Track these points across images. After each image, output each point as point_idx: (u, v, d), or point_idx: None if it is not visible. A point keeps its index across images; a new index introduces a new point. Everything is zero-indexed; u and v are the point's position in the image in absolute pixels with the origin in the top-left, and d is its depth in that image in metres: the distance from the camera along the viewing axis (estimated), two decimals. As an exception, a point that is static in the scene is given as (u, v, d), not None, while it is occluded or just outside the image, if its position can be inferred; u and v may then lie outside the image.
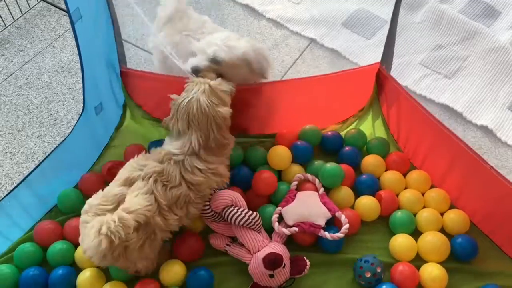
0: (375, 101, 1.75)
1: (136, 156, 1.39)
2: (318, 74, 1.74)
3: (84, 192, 1.53)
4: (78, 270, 1.39)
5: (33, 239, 1.45)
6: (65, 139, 1.48)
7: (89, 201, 1.30)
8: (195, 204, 1.36)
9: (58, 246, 1.41)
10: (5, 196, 1.41)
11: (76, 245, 1.41)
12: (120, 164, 1.51)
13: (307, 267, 1.37)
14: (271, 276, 1.33)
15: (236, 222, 1.39)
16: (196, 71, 1.43)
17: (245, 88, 1.55)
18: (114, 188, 1.30)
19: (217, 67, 1.42)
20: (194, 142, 1.34)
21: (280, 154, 1.59)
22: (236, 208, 1.41)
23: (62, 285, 1.36)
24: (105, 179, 1.55)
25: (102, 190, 1.32)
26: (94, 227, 1.19)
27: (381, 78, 1.68)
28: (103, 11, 1.49)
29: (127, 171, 1.33)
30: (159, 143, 1.50)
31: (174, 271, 1.37)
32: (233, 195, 1.42)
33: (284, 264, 1.34)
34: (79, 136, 1.52)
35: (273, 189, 1.53)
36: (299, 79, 1.76)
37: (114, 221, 1.18)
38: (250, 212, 1.40)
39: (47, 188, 1.51)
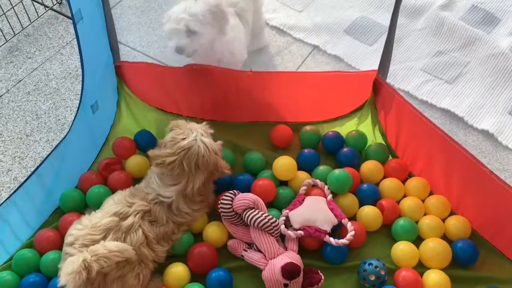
0: (372, 110, 1.76)
1: (123, 189, 1.43)
2: (316, 71, 1.78)
3: (84, 191, 1.55)
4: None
5: (33, 245, 1.46)
6: (64, 137, 1.52)
7: (74, 232, 1.30)
8: (179, 234, 1.42)
9: (51, 256, 1.41)
10: (3, 202, 1.43)
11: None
12: (118, 162, 1.58)
13: (321, 282, 1.37)
14: (286, 285, 1.35)
15: (255, 224, 1.41)
16: (181, 50, 1.56)
17: (243, 75, 1.65)
18: (103, 219, 1.32)
19: (195, 37, 1.56)
20: (194, 185, 1.38)
21: (285, 164, 1.60)
22: (257, 210, 1.43)
23: None
24: (103, 176, 1.59)
25: (84, 214, 1.39)
26: (74, 262, 1.19)
27: (378, 86, 1.70)
28: (96, 8, 1.52)
29: (117, 206, 1.36)
30: (145, 134, 1.64)
31: (178, 273, 1.39)
32: (255, 198, 1.45)
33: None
34: (76, 135, 1.55)
35: (272, 196, 1.55)
36: (296, 73, 1.82)
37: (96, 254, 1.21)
38: (270, 216, 1.42)
39: (48, 189, 1.54)
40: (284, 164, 1.60)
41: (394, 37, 1.54)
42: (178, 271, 1.39)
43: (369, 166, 1.62)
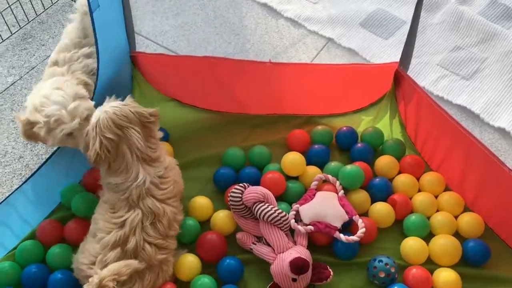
0: (393, 101, 1.75)
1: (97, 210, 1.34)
2: (336, 63, 1.76)
3: (86, 188, 1.54)
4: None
5: (36, 237, 1.47)
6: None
7: (85, 269, 1.27)
8: (178, 212, 1.37)
9: (56, 250, 1.41)
10: (12, 193, 1.44)
11: (75, 247, 1.40)
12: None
13: (330, 277, 1.37)
14: (294, 280, 1.34)
15: (265, 218, 1.40)
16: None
17: (261, 66, 1.64)
18: (107, 254, 1.25)
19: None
20: (139, 142, 1.28)
21: (294, 160, 1.59)
22: (267, 204, 1.42)
23: (63, 286, 1.36)
24: None
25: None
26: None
27: (399, 78, 1.69)
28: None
29: (111, 236, 1.26)
30: None
31: (189, 264, 1.39)
32: (265, 192, 1.44)
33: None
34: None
35: (282, 190, 1.54)
36: (315, 65, 1.80)
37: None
38: (280, 210, 1.42)
39: (53, 183, 1.54)
40: (292, 159, 1.59)
41: (417, 29, 1.52)
42: (189, 261, 1.39)
43: (384, 161, 1.60)
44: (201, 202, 1.52)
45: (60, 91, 1.32)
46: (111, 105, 1.28)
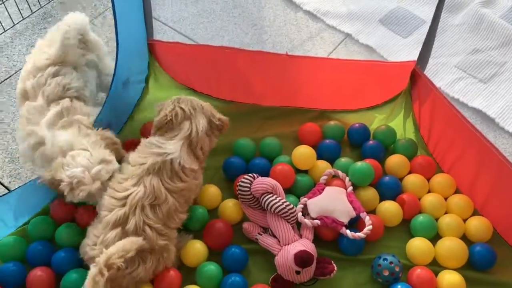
0: (408, 100, 1.74)
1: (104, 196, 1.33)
2: (353, 59, 1.76)
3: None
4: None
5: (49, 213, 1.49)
6: (99, 114, 1.51)
7: (89, 251, 1.29)
8: (182, 211, 1.37)
9: (64, 228, 1.43)
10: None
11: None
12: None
13: (334, 272, 1.37)
14: (298, 272, 1.35)
15: (272, 210, 1.41)
16: None
17: (277, 58, 1.65)
18: (107, 233, 1.26)
19: None
20: (198, 128, 1.37)
21: (304, 153, 1.59)
22: (275, 196, 1.43)
23: (65, 265, 1.38)
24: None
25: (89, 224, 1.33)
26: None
27: (415, 77, 1.68)
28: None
29: (112, 215, 1.27)
30: None
31: (196, 251, 1.40)
32: (274, 183, 1.44)
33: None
34: (105, 111, 1.55)
35: (291, 182, 1.54)
36: (332, 59, 1.80)
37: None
38: (288, 202, 1.42)
39: None
40: (303, 153, 1.59)
41: (437, 28, 1.51)
42: (196, 248, 1.40)
43: (395, 160, 1.59)
44: (210, 191, 1.53)
45: (87, 153, 1.33)
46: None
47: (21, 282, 1.36)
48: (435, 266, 1.42)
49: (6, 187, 1.61)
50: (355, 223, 1.48)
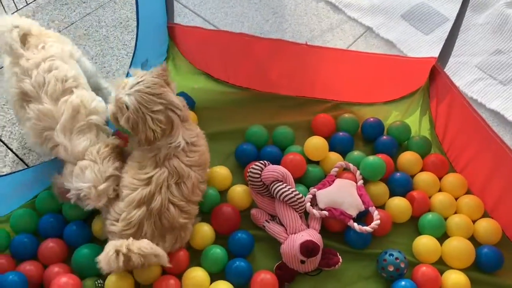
0: (425, 97, 1.72)
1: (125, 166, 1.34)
2: (372, 52, 1.75)
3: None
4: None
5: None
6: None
7: (109, 226, 1.29)
8: (202, 181, 1.38)
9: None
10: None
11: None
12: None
13: (339, 264, 1.38)
14: (302, 262, 1.36)
15: (281, 198, 1.41)
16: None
17: (297, 47, 1.64)
18: (131, 212, 1.27)
19: None
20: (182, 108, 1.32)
21: (317, 144, 1.59)
22: (285, 184, 1.43)
23: (78, 238, 1.40)
24: None
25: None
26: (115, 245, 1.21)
27: (435, 74, 1.66)
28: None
29: (137, 193, 1.28)
30: (183, 96, 1.57)
31: (204, 233, 1.41)
32: (285, 172, 1.45)
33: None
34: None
35: (302, 172, 1.54)
36: (351, 51, 1.80)
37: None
38: (297, 192, 1.42)
39: None
40: (315, 144, 1.59)
41: (460, 25, 1.48)
42: (204, 231, 1.41)
43: (408, 157, 1.58)
44: (220, 172, 1.54)
45: (96, 166, 1.31)
46: (137, 81, 1.27)
47: (33, 254, 1.38)
48: (441, 265, 1.41)
49: (21, 159, 1.64)
50: (363, 217, 1.48)
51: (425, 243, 1.42)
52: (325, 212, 1.43)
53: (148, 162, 1.31)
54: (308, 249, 1.33)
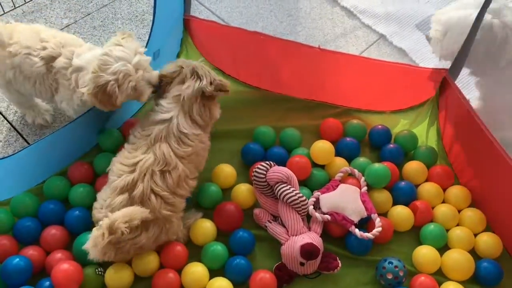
0: (434, 108, 1.72)
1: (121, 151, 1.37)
2: (384, 60, 1.76)
3: (124, 133, 1.60)
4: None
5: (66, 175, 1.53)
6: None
7: (96, 214, 1.32)
8: (192, 177, 1.38)
9: (79, 189, 1.47)
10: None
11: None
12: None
13: (338, 268, 1.39)
14: (302, 264, 1.36)
15: (285, 199, 1.42)
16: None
17: (309, 50, 1.65)
18: (114, 198, 1.29)
19: None
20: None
21: (323, 148, 1.59)
22: (289, 186, 1.44)
23: (78, 224, 1.42)
24: None
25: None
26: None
27: (445, 86, 1.66)
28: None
29: (120, 180, 1.30)
30: None
31: (205, 229, 1.42)
32: (289, 174, 1.45)
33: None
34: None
35: (306, 175, 1.55)
36: (363, 58, 1.81)
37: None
38: (301, 194, 1.43)
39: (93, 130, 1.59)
40: (322, 148, 1.59)
41: (474, 39, 1.48)
42: (205, 227, 1.43)
43: (413, 167, 1.59)
44: (225, 170, 1.55)
45: (120, 46, 1.34)
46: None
47: (36, 238, 1.40)
48: (440, 276, 1.41)
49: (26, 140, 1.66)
50: (365, 224, 1.48)
51: (425, 253, 1.43)
52: (328, 216, 1.44)
53: (142, 143, 1.33)
54: (308, 251, 1.34)
